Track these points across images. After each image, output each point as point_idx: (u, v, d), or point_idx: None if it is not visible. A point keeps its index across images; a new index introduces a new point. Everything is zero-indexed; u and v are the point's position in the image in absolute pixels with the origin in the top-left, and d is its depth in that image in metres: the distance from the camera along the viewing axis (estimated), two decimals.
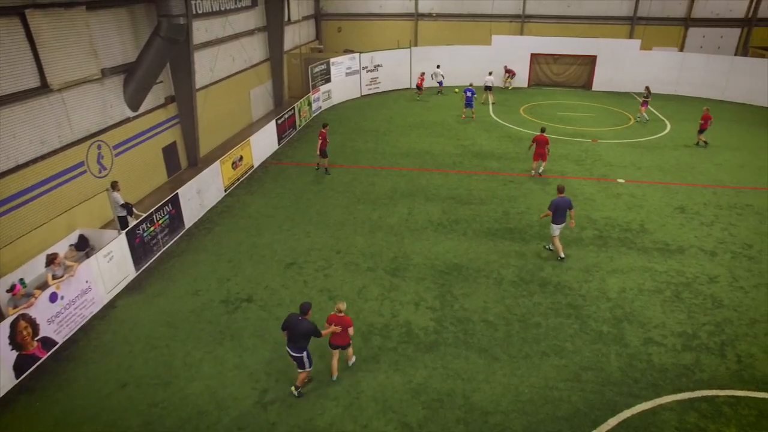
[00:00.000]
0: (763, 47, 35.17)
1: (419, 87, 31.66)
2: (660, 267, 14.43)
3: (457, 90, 32.60)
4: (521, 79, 34.66)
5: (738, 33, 36.38)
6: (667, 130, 26.31)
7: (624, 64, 33.44)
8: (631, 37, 36.20)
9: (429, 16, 37.53)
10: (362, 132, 25.14)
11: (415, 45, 37.10)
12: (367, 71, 31.95)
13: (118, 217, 14.65)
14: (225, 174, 18.68)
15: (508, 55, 33.80)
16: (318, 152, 20.28)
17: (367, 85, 32.25)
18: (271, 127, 22.79)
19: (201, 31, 21.69)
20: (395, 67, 32.84)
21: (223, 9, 23.24)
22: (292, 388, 10.18)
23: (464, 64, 33.95)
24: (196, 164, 21.28)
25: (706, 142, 23.87)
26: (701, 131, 23.69)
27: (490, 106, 29.78)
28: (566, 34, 35.66)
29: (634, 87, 33.65)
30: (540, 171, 20.28)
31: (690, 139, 25.02)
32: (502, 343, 11.52)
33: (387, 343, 11.50)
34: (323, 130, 20.01)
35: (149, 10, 17.53)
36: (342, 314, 9.98)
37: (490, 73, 30.81)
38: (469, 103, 26.88)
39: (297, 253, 14.99)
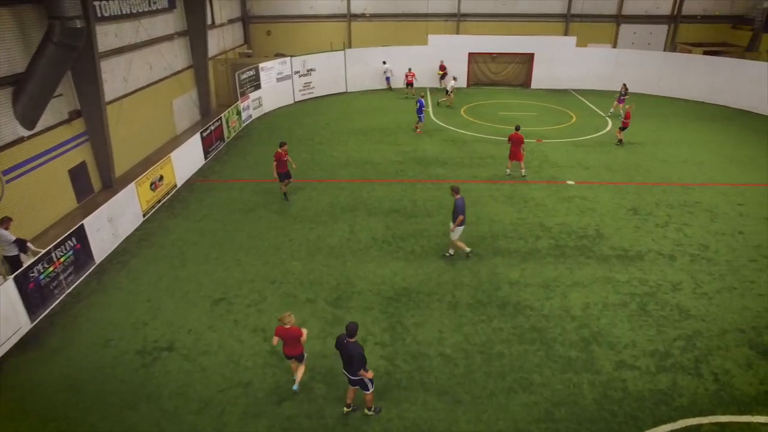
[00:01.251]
0: (689, 43, 35.81)
1: (410, 84, 31.39)
2: (621, 276, 13.53)
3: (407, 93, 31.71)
4: (460, 79, 33.74)
5: (666, 29, 36.97)
6: (608, 128, 25.95)
7: (561, 62, 33.18)
8: (566, 34, 36.10)
9: (362, 16, 36.17)
10: (297, 142, 23.42)
11: (350, 47, 35.67)
12: (300, 76, 30.20)
13: (7, 257, 12.40)
14: (142, 197, 16.58)
15: (446, 54, 32.90)
16: (275, 175, 17.46)
17: (300, 90, 30.50)
18: (195, 141, 20.74)
19: (109, 36, 19.41)
20: (329, 71, 31.25)
21: (135, 12, 20.98)
22: (366, 410, 9.37)
23: (401, 65, 32.75)
24: (112, 186, 19.01)
25: (621, 141, 23.41)
26: (622, 129, 23.33)
27: (431, 109, 28.65)
28: (502, 32, 35.16)
29: (572, 84, 33.44)
30: (523, 174, 19.53)
31: (632, 134, 24.69)
32: (464, 380, 10.17)
33: (331, 392, 9.92)
34: (280, 151, 17.10)
35: (39, 12, 15.21)
36: (289, 326, 9.30)
37: (455, 79, 30.00)
38: (421, 116, 24.52)
39: (226, 286, 13.18)
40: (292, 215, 16.70)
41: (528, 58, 33.60)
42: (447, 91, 29.03)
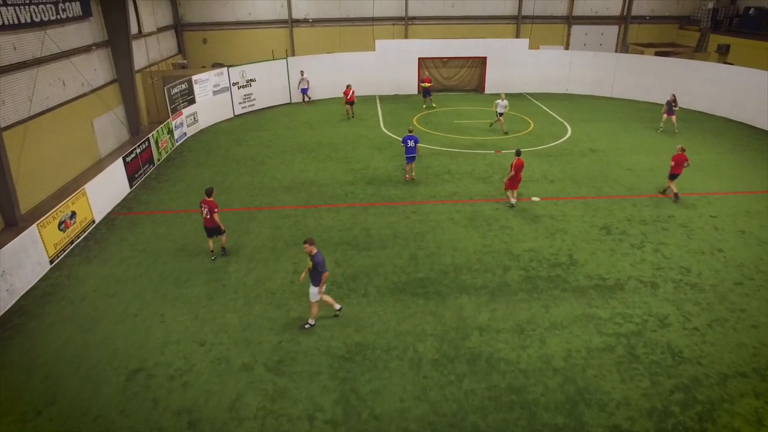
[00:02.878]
0: (641, 44, 35.30)
1: (350, 103, 26.74)
2: (603, 312, 11.99)
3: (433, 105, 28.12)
4: (410, 85, 32.09)
5: (616, 30, 36.40)
6: (568, 134, 24.74)
7: (515, 65, 32.00)
8: (517, 36, 35.02)
9: (305, 21, 34.08)
10: (235, 162, 21.18)
11: (293, 54, 33.53)
12: (239, 87, 27.87)
13: None
14: (48, 240, 14.08)
15: (395, 60, 31.15)
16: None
17: (240, 103, 28.17)
18: (117, 168, 18.24)
19: (6, 49, 16.77)
20: (271, 81, 29.02)
21: (38, 20, 18.32)
22: None
23: (348, 72, 30.84)
24: (16, 223, 16.38)
25: (676, 195, 22.17)
26: (673, 177, 21.95)
27: (381, 119, 26.82)
28: (453, 35, 33.78)
29: (526, 87, 32.31)
30: (513, 203, 17.08)
31: (592, 141, 23.57)
32: None
33: None
34: (209, 200, 13.70)
35: None
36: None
37: (503, 98, 24.11)
38: (411, 156, 18.54)
39: (146, 352, 10.94)
40: (227, 253, 14.52)
41: (480, 62, 32.27)
42: (498, 114, 24.05)
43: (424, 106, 27.83)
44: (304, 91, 29.50)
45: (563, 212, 16.73)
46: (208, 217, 13.61)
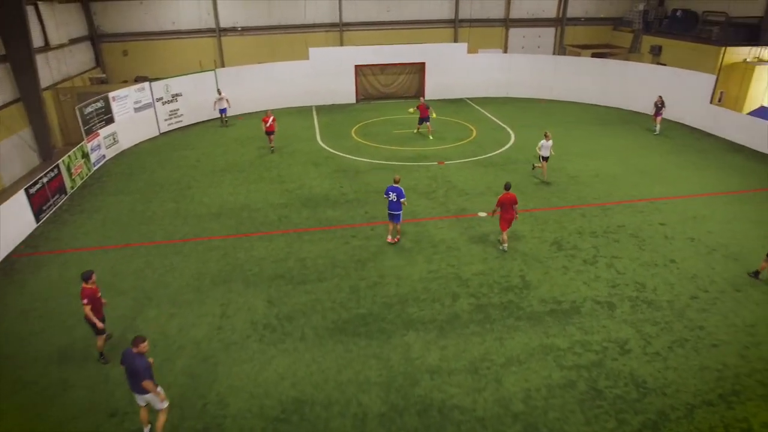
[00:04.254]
0: (577, 45, 35.39)
1: (270, 132, 22.50)
2: (561, 342, 11.10)
3: (411, 110, 25.15)
4: (348, 95, 30.87)
5: (553, 32, 36.40)
6: (512, 141, 24.12)
7: (454, 69, 31.30)
8: (455, 40, 34.42)
9: (234, 30, 32.32)
10: (159, 187, 19.36)
11: (222, 65, 31.71)
12: (164, 103, 25.89)
13: None
14: None
15: (330, 68, 29.85)
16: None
17: (165, 119, 26.18)
18: (18, 201, 16.15)
19: None
20: (199, 95, 27.12)
21: None
22: None
23: (282, 84, 29.39)
24: None
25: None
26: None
27: (318, 132, 25.46)
28: (390, 40, 32.79)
29: (467, 92, 31.69)
30: (504, 247, 14.60)
31: (534, 147, 22.92)
32: None
33: None
34: (87, 286, 10.23)
35: None
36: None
37: (547, 136, 19.14)
38: (393, 214, 14.66)
39: (47, 427, 9.23)
40: (146, 294, 12.86)
41: (419, 68, 31.40)
42: (542, 158, 19.28)
43: (419, 131, 24.99)
44: (222, 112, 26.64)
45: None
46: (97, 298, 10.41)
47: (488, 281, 13.20)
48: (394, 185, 14.53)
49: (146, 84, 24.99)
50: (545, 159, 19.15)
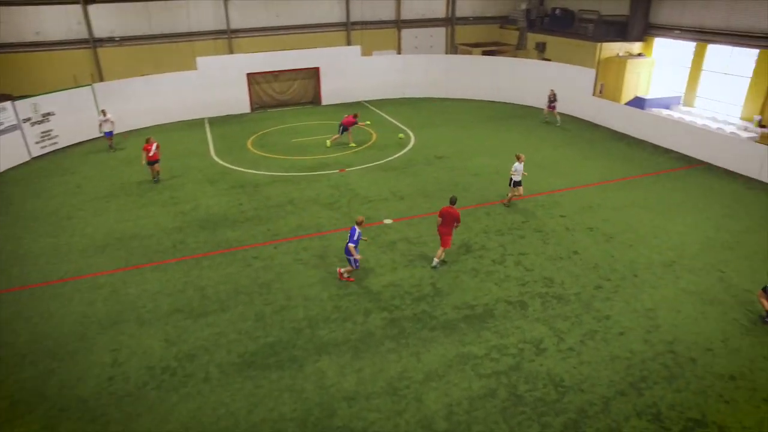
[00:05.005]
0: (468, 44, 36.19)
1: (154, 161, 19.60)
2: (478, 349, 10.91)
3: (401, 136, 24.30)
4: (241, 104, 29.57)
5: (444, 32, 36.98)
6: (412, 142, 24.05)
7: (349, 73, 30.92)
8: (349, 43, 34.00)
9: (111, 40, 29.91)
10: (33, 220, 17.29)
11: (101, 79, 29.25)
12: (33, 124, 23.36)
13: None
14: None
15: (220, 78, 28.41)
16: None
17: (37, 142, 23.61)
18: None
19: None
20: (75, 113, 24.75)
21: None
22: None
23: (169, 97, 27.57)
24: None
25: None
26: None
27: (212, 146, 24.07)
28: (282, 46, 31.78)
29: (364, 95, 31.40)
30: (434, 264, 13.82)
31: (436, 147, 23.09)
32: None
33: None
34: None
35: None
36: None
37: (519, 159, 16.95)
38: (350, 256, 12.85)
39: None
40: (18, 353, 11.22)
41: (314, 73, 30.70)
42: (513, 183, 17.03)
43: (329, 143, 23.80)
44: (108, 135, 23.89)
45: (419, 233, 15.64)
46: None
47: (399, 292, 12.81)
48: (355, 227, 12.63)
49: (8, 103, 22.38)
50: (518, 184, 16.99)
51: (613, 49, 29.09)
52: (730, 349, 10.98)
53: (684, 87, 27.85)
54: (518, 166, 16.75)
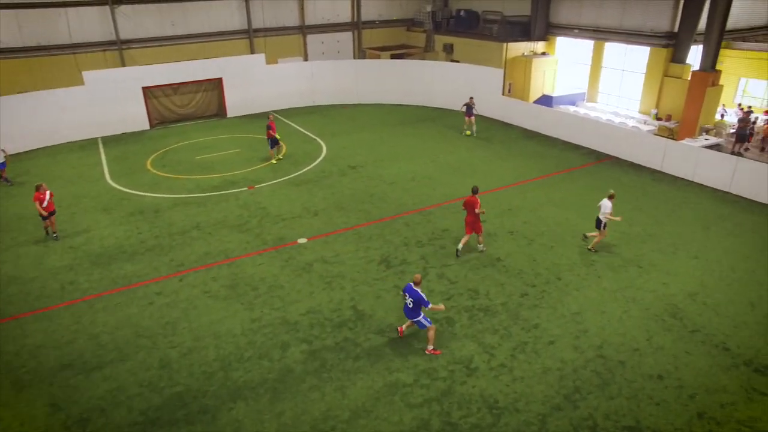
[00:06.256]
0: (376, 48, 35.77)
1: (48, 214, 15.76)
2: (406, 376, 10.19)
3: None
4: (139, 120, 27.40)
5: (351, 36, 36.33)
6: (324, 152, 23.13)
7: (254, 82, 29.52)
8: (252, 51, 32.56)
9: None
10: None
11: None
12: None
13: None
14: None
15: (113, 93, 26.16)
16: None
17: None
18: None
19: None
20: None
21: None
22: None
23: (53, 116, 24.99)
24: None
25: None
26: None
27: (106, 169, 21.96)
28: (181, 56, 29.90)
29: (271, 105, 30.06)
30: (481, 248, 14.56)
31: (350, 156, 22.33)
32: None
33: None
34: None
35: None
36: None
37: (611, 197, 14.27)
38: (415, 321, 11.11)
39: None
40: None
41: (217, 84, 29.04)
42: (602, 225, 14.37)
43: (275, 160, 22.12)
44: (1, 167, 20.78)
45: (335, 251, 14.76)
46: None
47: (319, 320, 11.88)
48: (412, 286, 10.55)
49: None
50: (604, 227, 14.32)
51: (518, 48, 29.58)
52: (655, 347, 10.94)
53: (587, 83, 28.76)
54: (607, 203, 14.15)
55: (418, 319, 10.56)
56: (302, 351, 10.91)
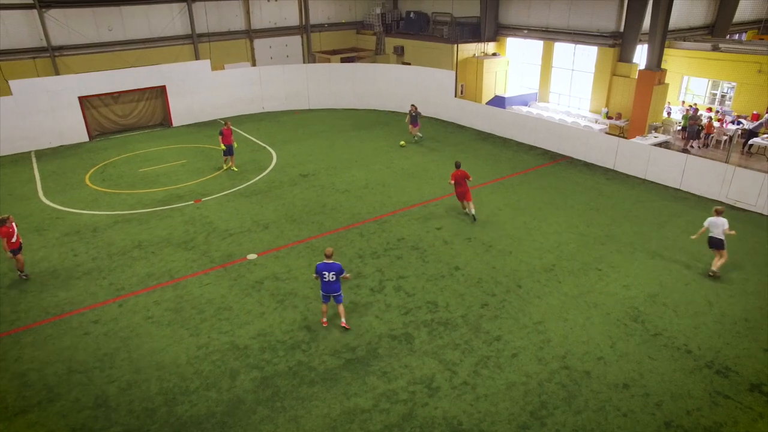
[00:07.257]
0: (326, 51, 35.11)
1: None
2: (365, 401, 9.57)
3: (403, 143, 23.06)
4: (77, 132, 25.85)
5: (299, 40, 35.55)
6: (274, 161, 22.30)
7: (200, 90, 28.36)
8: (196, 57, 31.37)
9: None
10: None
11: None
12: None
13: None
14: None
15: (45, 103, 24.57)
16: None
17: None
18: None
19: None
20: None
21: None
22: None
23: None
24: None
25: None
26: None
27: (39, 186, 20.53)
28: (121, 64, 28.52)
29: (218, 113, 29.00)
30: (472, 212, 16.23)
31: (301, 164, 21.60)
32: None
33: None
34: None
35: None
36: None
37: (718, 212, 12.97)
38: (329, 295, 11.53)
39: None
40: None
41: (160, 92, 27.75)
42: (715, 245, 13.20)
43: (225, 168, 21.24)
44: None
45: (287, 266, 14.03)
46: None
47: (270, 343, 11.14)
48: (329, 262, 11.03)
49: None
50: (719, 245, 13.00)
51: (469, 50, 29.44)
52: (619, 354, 10.69)
53: (538, 84, 28.84)
54: (715, 220, 12.73)
55: (339, 292, 11.25)
56: (253, 379, 10.16)
